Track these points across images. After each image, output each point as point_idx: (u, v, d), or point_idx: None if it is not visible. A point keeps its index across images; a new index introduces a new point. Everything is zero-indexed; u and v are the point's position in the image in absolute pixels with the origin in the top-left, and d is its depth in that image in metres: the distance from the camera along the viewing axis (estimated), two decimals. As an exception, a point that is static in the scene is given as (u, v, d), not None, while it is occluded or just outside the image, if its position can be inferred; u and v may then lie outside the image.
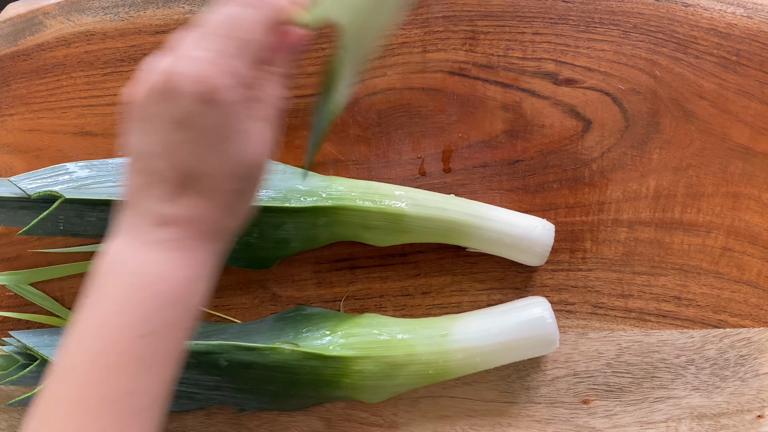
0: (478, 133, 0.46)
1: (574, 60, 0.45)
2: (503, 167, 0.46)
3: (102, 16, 0.47)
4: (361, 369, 0.42)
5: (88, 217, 0.42)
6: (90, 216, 0.42)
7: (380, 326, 0.44)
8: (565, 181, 0.46)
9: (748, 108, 0.45)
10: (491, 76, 0.46)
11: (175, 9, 0.46)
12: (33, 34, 0.47)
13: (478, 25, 0.45)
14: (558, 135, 0.45)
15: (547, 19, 0.45)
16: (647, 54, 0.45)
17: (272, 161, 0.40)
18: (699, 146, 0.45)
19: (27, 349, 0.43)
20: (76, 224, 0.42)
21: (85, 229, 0.42)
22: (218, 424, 0.46)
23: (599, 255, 0.46)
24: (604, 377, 0.45)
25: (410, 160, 0.46)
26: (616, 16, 0.45)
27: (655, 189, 0.45)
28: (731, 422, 0.45)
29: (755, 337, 0.45)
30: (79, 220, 0.42)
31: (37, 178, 0.42)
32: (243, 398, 0.44)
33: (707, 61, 0.45)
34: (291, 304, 0.47)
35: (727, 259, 0.46)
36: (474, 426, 0.46)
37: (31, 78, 0.47)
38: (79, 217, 0.42)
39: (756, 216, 0.46)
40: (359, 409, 0.46)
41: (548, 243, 0.43)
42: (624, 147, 0.45)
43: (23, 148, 0.47)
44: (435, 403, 0.46)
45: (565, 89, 0.45)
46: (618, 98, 0.45)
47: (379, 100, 0.46)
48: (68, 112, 0.47)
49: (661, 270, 0.46)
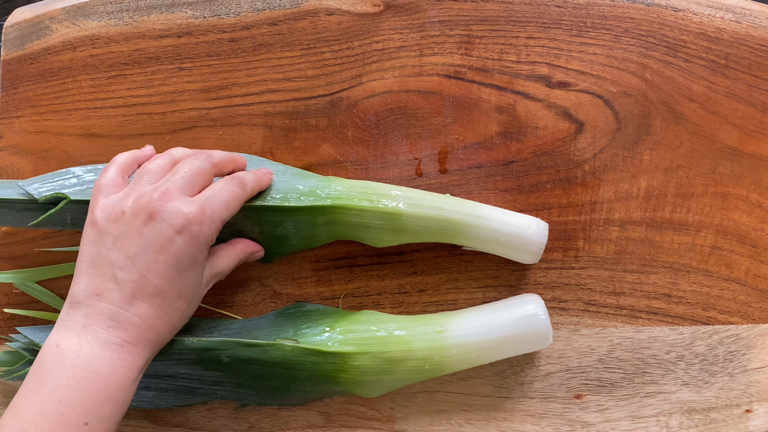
0: (473, 134, 0.46)
1: (566, 63, 0.46)
2: (498, 168, 0.46)
3: (107, 20, 0.47)
4: (359, 364, 0.42)
5: None
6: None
7: (378, 323, 0.44)
8: (558, 181, 0.46)
9: (736, 110, 0.46)
10: (486, 79, 0.46)
11: (178, 14, 0.47)
12: (39, 38, 0.48)
13: (474, 29, 0.46)
14: (551, 136, 0.46)
15: (541, 24, 0.46)
16: (638, 57, 0.46)
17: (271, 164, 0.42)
18: (689, 147, 0.46)
19: (34, 345, 0.44)
20: (82, 221, 0.42)
21: None
22: (220, 418, 0.47)
23: (591, 253, 0.46)
24: (596, 373, 0.46)
25: (407, 161, 0.47)
26: (608, 21, 0.46)
27: (646, 189, 0.46)
28: (720, 416, 0.46)
29: (743, 334, 0.46)
30: (84, 217, 0.41)
31: (45, 182, 0.43)
32: (244, 393, 0.44)
33: (697, 65, 0.46)
34: (291, 301, 0.47)
35: (716, 258, 0.46)
36: (469, 420, 0.46)
37: (38, 81, 0.48)
38: (84, 214, 0.41)
39: (744, 215, 0.46)
40: (357, 403, 0.46)
41: (542, 241, 0.43)
42: (615, 148, 0.46)
43: (30, 149, 0.48)
44: (431, 398, 0.46)
45: (558, 92, 0.46)
46: (610, 101, 0.46)
47: (377, 103, 0.47)
48: (74, 114, 0.48)
49: (652, 268, 0.46)
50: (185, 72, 0.47)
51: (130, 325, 0.34)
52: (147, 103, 0.47)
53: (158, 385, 0.44)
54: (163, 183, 0.37)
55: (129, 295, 0.34)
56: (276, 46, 0.47)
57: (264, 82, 0.47)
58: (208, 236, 0.36)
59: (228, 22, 0.47)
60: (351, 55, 0.47)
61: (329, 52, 0.47)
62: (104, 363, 0.33)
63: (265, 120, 0.47)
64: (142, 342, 0.35)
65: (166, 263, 0.35)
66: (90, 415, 0.32)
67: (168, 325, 0.36)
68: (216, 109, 0.47)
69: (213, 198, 0.37)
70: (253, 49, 0.47)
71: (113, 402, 0.34)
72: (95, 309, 0.34)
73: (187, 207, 0.36)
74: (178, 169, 0.38)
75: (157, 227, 0.35)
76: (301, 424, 0.47)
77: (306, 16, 0.47)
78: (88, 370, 0.33)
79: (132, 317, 0.34)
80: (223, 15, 0.47)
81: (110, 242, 0.35)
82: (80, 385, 0.32)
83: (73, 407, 0.32)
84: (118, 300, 0.34)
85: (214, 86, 0.47)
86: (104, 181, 0.38)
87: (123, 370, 0.34)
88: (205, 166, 0.38)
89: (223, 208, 0.37)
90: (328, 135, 0.47)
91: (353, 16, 0.47)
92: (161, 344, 0.36)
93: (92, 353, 0.33)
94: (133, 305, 0.34)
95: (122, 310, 0.34)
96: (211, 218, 0.36)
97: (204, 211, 0.36)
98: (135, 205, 0.36)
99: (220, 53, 0.47)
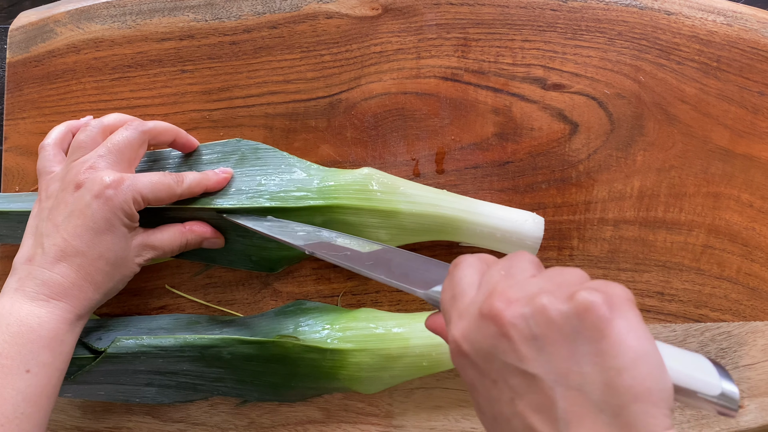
0: (469, 135, 0.47)
1: (561, 66, 0.47)
2: (494, 168, 0.47)
3: (110, 24, 0.48)
4: (358, 361, 0.43)
5: None
6: None
7: (376, 320, 0.44)
8: (553, 181, 0.47)
9: (728, 112, 0.47)
10: (482, 82, 0.47)
11: (180, 17, 0.47)
12: (44, 41, 0.48)
13: (470, 32, 0.47)
14: (546, 137, 0.47)
15: (536, 27, 0.47)
16: (632, 60, 0.46)
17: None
18: (681, 148, 0.47)
19: None
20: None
21: None
22: (221, 414, 0.47)
23: (586, 252, 0.47)
24: None
25: (405, 162, 0.47)
26: (602, 24, 0.47)
27: (639, 189, 0.47)
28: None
29: (735, 331, 0.46)
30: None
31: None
32: (245, 389, 0.45)
33: (689, 67, 0.47)
34: (291, 299, 0.47)
35: (708, 257, 0.47)
36: (466, 416, 0.46)
37: (43, 83, 0.48)
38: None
39: (735, 215, 0.47)
40: (356, 399, 0.47)
41: (538, 236, 0.43)
42: (609, 149, 0.47)
43: (35, 151, 0.48)
44: (428, 394, 0.47)
45: (553, 94, 0.47)
46: (603, 102, 0.47)
47: (375, 104, 0.47)
48: (78, 115, 0.48)
49: (645, 267, 0.47)
50: (187, 74, 0.48)
51: (53, 283, 0.37)
52: (150, 105, 0.48)
53: (161, 382, 0.44)
54: (91, 156, 0.39)
55: (52, 258, 0.37)
56: (276, 49, 0.47)
57: (264, 84, 0.47)
58: (123, 203, 0.38)
59: (229, 26, 0.48)
60: (350, 57, 0.47)
61: (328, 54, 0.47)
62: (33, 317, 0.36)
63: (266, 121, 0.47)
64: (66, 297, 0.37)
65: (84, 226, 0.38)
66: (30, 363, 0.36)
67: (91, 284, 0.38)
68: (217, 111, 0.48)
69: (139, 176, 0.39)
70: (254, 52, 0.47)
71: (50, 350, 0.37)
72: (26, 272, 0.38)
73: (108, 176, 0.38)
74: (108, 141, 0.40)
75: (78, 194, 0.38)
76: (300, 420, 0.47)
77: (305, 20, 0.47)
78: (21, 325, 0.36)
79: (55, 276, 0.37)
80: (224, 18, 0.48)
81: (45, 215, 0.39)
82: (15, 339, 0.36)
83: (12, 358, 0.35)
84: (43, 262, 0.37)
85: (215, 88, 0.48)
86: (42, 162, 0.42)
87: (53, 321, 0.37)
88: (133, 136, 0.41)
89: (146, 185, 0.39)
90: (327, 136, 0.47)
91: (352, 19, 0.47)
92: (90, 302, 0.39)
93: (22, 309, 0.37)
94: (56, 266, 0.37)
95: (47, 270, 0.37)
96: (128, 187, 0.38)
97: (123, 180, 0.38)
98: (65, 179, 0.39)
99: (221, 56, 0.48)
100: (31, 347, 0.36)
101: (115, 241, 0.39)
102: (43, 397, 0.36)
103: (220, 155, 0.45)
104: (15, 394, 0.35)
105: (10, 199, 0.46)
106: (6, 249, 0.49)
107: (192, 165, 0.45)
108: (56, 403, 0.47)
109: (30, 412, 0.35)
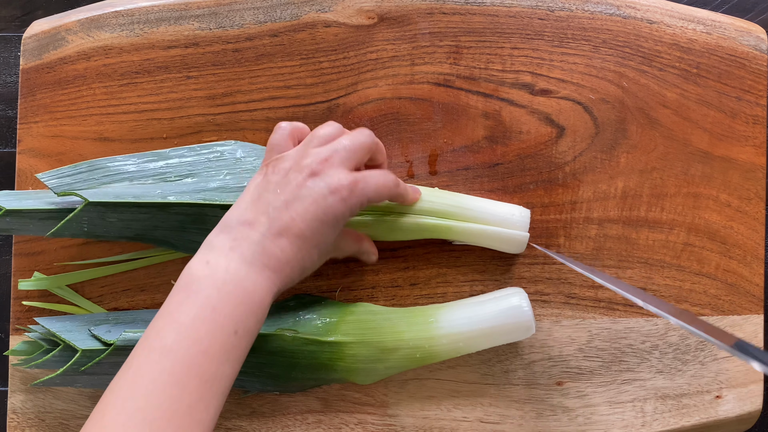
0: (461, 138, 0.48)
1: (549, 72, 0.48)
2: (484, 170, 0.48)
3: (119, 32, 0.48)
4: (354, 353, 0.43)
5: (109, 219, 0.43)
6: (110, 218, 0.43)
7: (372, 314, 0.45)
8: (541, 182, 0.48)
9: (707, 116, 0.48)
10: (473, 87, 0.48)
11: (185, 26, 0.48)
12: (56, 48, 0.49)
13: (462, 40, 0.48)
14: (534, 140, 0.48)
15: (525, 35, 0.48)
16: (615, 67, 0.48)
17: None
18: (662, 151, 0.48)
19: (51, 335, 0.45)
20: (98, 226, 0.43)
21: (107, 230, 0.43)
22: (225, 404, 0.45)
23: (572, 250, 0.48)
24: (576, 361, 0.47)
25: (399, 164, 0.48)
26: (587, 32, 0.48)
27: (623, 190, 0.48)
28: (692, 402, 0.47)
29: (714, 325, 0.47)
30: (101, 222, 0.43)
31: (61, 176, 0.44)
32: (247, 381, 0.45)
33: (670, 73, 0.48)
34: (290, 294, 0.48)
35: (688, 254, 0.48)
36: (458, 405, 0.47)
37: (54, 89, 0.49)
38: (101, 219, 0.43)
39: (714, 214, 0.48)
40: (353, 390, 0.47)
41: (525, 225, 0.44)
42: (594, 151, 0.48)
43: (47, 153, 0.49)
44: (422, 385, 0.47)
45: (541, 99, 0.48)
46: (589, 107, 0.48)
47: (371, 109, 0.48)
48: (88, 119, 0.49)
49: (628, 263, 0.48)
50: (192, 80, 0.48)
51: (272, 254, 0.37)
52: (156, 109, 0.49)
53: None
54: (328, 149, 0.39)
55: (277, 231, 0.37)
56: (277, 56, 0.48)
57: (266, 90, 0.48)
58: (353, 206, 0.39)
59: (232, 34, 0.48)
60: (347, 64, 0.48)
61: (327, 61, 0.48)
62: (249, 281, 0.36)
63: (267, 125, 0.48)
64: (278, 272, 0.37)
65: (315, 214, 0.37)
66: (239, 325, 0.35)
67: (300, 267, 0.38)
68: (221, 115, 0.48)
69: (367, 178, 0.39)
70: (256, 59, 0.48)
71: (255, 316, 0.36)
72: (243, 234, 0.37)
73: (345, 176, 0.38)
74: (344, 140, 0.40)
75: (316, 183, 0.38)
76: (300, 409, 0.48)
77: (305, 28, 0.48)
78: (236, 285, 0.35)
79: (275, 249, 0.37)
80: (227, 27, 0.48)
81: (272, 188, 0.38)
82: (230, 297, 0.35)
83: (225, 315, 0.34)
84: (266, 231, 0.37)
85: (219, 93, 0.48)
86: (277, 138, 0.42)
87: (264, 290, 0.36)
88: (367, 142, 0.41)
89: (373, 189, 0.39)
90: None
91: (349, 28, 0.48)
92: (291, 283, 0.39)
93: (239, 270, 0.36)
94: (278, 239, 0.37)
95: (268, 241, 0.37)
96: (360, 192, 0.39)
97: (356, 184, 0.39)
98: (301, 162, 0.39)
99: (224, 62, 0.48)
100: (243, 309, 0.35)
101: (331, 234, 0.39)
102: (240, 363, 0.36)
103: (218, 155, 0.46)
104: (222, 353, 0.34)
105: (22, 196, 0.46)
106: (18, 245, 0.50)
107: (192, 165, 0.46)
108: (67, 393, 0.48)
109: (229, 374, 0.35)
